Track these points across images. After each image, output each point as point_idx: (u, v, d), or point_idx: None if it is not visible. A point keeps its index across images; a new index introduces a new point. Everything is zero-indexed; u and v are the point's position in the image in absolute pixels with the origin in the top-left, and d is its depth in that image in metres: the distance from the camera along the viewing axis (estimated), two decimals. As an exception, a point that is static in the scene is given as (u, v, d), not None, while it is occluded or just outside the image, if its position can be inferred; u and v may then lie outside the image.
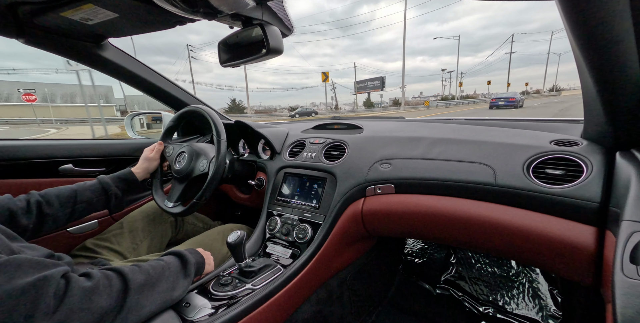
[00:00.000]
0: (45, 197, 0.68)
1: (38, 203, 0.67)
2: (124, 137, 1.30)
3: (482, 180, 0.68)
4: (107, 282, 0.44)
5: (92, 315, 0.39)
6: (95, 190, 0.77)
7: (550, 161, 0.65)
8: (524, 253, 0.66)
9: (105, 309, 0.41)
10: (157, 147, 0.94)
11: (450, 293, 1.25)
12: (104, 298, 0.42)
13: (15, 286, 0.35)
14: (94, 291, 0.41)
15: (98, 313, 0.40)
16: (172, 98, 1.21)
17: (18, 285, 0.35)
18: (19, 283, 0.35)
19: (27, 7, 0.69)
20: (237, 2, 0.61)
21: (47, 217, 0.68)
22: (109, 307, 0.42)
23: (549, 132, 0.81)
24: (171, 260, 0.57)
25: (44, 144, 0.97)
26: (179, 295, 0.56)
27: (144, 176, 0.90)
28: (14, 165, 0.89)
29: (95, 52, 0.93)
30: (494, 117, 1.16)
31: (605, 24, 0.38)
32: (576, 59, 0.52)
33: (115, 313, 0.43)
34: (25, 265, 0.38)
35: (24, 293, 0.35)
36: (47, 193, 0.70)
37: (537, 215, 0.61)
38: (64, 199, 0.71)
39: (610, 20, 0.38)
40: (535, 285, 1.15)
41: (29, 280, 0.36)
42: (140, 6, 0.67)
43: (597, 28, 0.39)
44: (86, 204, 0.74)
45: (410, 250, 1.46)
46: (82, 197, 0.74)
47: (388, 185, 0.81)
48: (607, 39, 0.40)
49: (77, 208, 0.73)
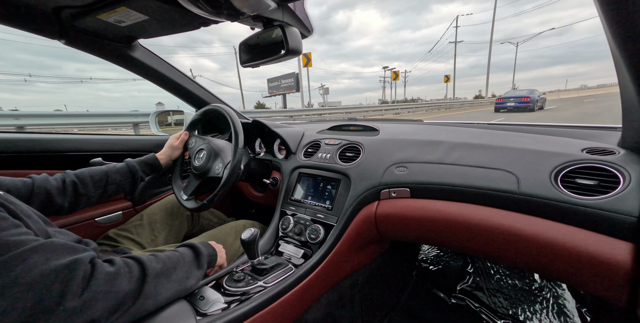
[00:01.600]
0: (80, 178, 0.75)
1: (73, 183, 0.73)
2: (149, 134, 1.37)
3: (504, 188, 0.65)
4: (128, 268, 0.47)
5: (114, 298, 0.42)
6: (123, 173, 0.83)
7: (581, 170, 0.60)
8: (548, 267, 0.62)
9: (126, 293, 0.44)
10: (182, 136, 0.99)
11: (466, 304, 1.20)
12: (125, 283, 0.44)
13: (51, 266, 0.38)
14: (116, 276, 0.44)
15: (119, 297, 0.43)
16: (195, 97, 1.26)
17: (54, 265, 0.38)
18: (55, 264, 0.38)
19: (69, 11, 0.75)
20: (259, 4, 0.62)
21: (82, 196, 0.74)
22: (129, 292, 0.45)
23: (580, 140, 0.75)
24: (185, 252, 0.60)
25: (78, 138, 1.04)
26: (193, 284, 0.58)
27: (166, 162, 0.95)
28: (51, 157, 0.96)
29: (126, 53, 0.98)
30: (520, 122, 1.10)
31: None
32: (615, 60, 0.49)
33: (134, 298, 0.45)
34: (60, 248, 0.41)
35: (59, 273, 0.38)
36: (82, 173, 0.76)
37: (564, 227, 0.57)
38: (97, 180, 0.77)
39: None
40: (560, 301, 1.08)
41: (63, 262, 0.39)
42: (168, 8, 0.70)
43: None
44: (115, 186, 0.81)
45: (425, 257, 1.42)
46: (112, 179, 0.80)
47: (403, 189, 0.79)
48: None
49: (108, 190, 0.79)
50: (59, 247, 0.41)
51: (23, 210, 0.47)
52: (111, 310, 0.42)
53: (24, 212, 0.47)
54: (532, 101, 12.93)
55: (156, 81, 1.14)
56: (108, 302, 0.41)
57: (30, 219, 0.47)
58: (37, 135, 0.96)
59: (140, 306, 0.46)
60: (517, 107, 13.18)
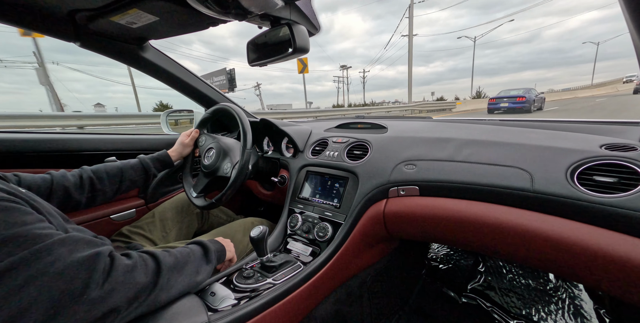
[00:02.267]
0: (96, 174, 0.78)
1: (90, 179, 0.76)
2: (160, 133, 1.40)
3: (517, 186, 0.63)
4: (143, 262, 0.49)
5: (132, 289, 0.44)
6: (137, 169, 0.86)
7: (599, 167, 0.58)
8: (564, 266, 0.60)
9: (142, 285, 0.46)
10: (193, 134, 1.02)
11: (477, 303, 1.18)
12: (141, 275, 0.47)
13: (75, 258, 0.40)
14: (133, 269, 0.46)
15: (136, 288, 0.45)
16: (204, 96, 1.27)
17: (77, 257, 0.40)
18: (78, 256, 0.41)
19: (84, 14, 0.77)
20: (267, 3, 0.62)
21: (98, 192, 0.77)
22: (145, 284, 0.47)
23: (598, 135, 0.72)
24: (195, 248, 0.62)
25: (94, 138, 1.07)
26: (202, 279, 0.60)
27: (177, 158, 0.98)
28: (67, 156, 0.99)
29: (138, 54, 1.00)
30: (534, 118, 1.07)
31: None
32: (637, 52, 0.47)
33: (150, 289, 0.47)
34: (82, 242, 0.43)
35: (82, 264, 0.40)
36: (98, 169, 0.79)
37: (581, 226, 0.55)
38: (112, 176, 0.80)
39: None
40: (577, 302, 1.05)
41: (86, 254, 0.42)
42: (177, 9, 0.71)
43: None
44: (130, 182, 0.84)
45: (435, 255, 1.40)
46: (126, 174, 0.83)
47: (412, 187, 0.79)
48: None
49: (123, 185, 0.82)
50: (80, 241, 0.43)
51: (44, 207, 0.50)
52: (130, 300, 0.44)
53: (45, 209, 0.49)
54: (528, 101, 11.43)
55: (166, 81, 1.16)
56: (127, 293, 0.43)
57: (51, 216, 0.50)
58: (55, 135, 1.00)
59: (155, 298, 0.48)
60: (512, 108, 11.64)
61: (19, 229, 0.38)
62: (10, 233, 0.37)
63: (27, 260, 0.36)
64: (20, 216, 0.40)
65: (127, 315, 0.45)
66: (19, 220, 0.39)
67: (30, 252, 0.37)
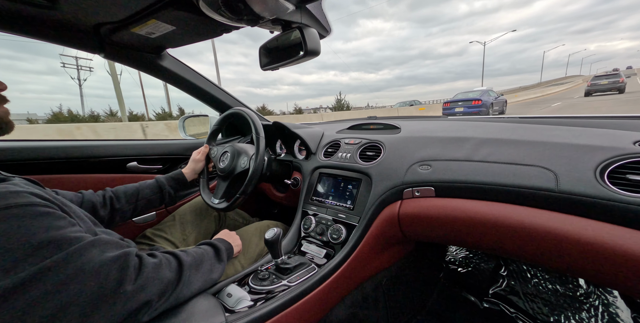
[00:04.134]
0: (115, 193, 0.83)
1: (111, 198, 0.81)
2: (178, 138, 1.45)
3: (541, 186, 0.60)
4: (167, 260, 0.54)
5: (160, 284, 0.49)
6: (153, 188, 0.90)
7: (634, 165, 0.54)
8: (595, 272, 0.56)
9: (169, 280, 0.51)
10: (202, 149, 1.05)
11: (500, 309, 1.13)
12: (167, 272, 0.51)
13: (107, 257, 0.44)
14: (160, 266, 0.51)
15: (164, 283, 0.50)
16: (218, 101, 1.31)
17: (109, 257, 0.44)
18: (110, 255, 0.45)
19: (107, 27, 0.82)
20: (278, 7, 0.63)
21: (117, 211, 0.82)
22: (171, 279, 0.51)
23: (631, 131, 0.68)
24: (207, 248, 0.66)
25: (114, 144, 1.13)
26: (217, 277, 0.64)
27: (192, 176, 1.01)
28: (91, 162, 1.05)
29: (156, 62, 1.05)
30: (557, 114, 1.02)
31: None
32: None
33: (175, 285, 0.52)
34: (110, 243, 0.48)
35: (114, 263, 0.44)
36: (117, 190, 0.85)
37: (613, 228, 0.52)
38: (129, 196, 0.85)
39: None
40: (612, 309, 0.98)
41: (117, 254, 0.46)
42: (193, 18, 0.74)
43: None
44: (146, 201, 0.88)
45: (453, 258, 1.36)
46: (143, 194, 0.88)
47: (428, 188, 0.77)
48: None
49: (139, 204, 0.87)
50: (110, 242, 0.47)
51: (75, 212, 0.54)
52: (159, 294, 0.48)
53: (76, 214, 0.53)
54: (484, 105, 9.60)
55: (183, 88, 1.21)
56: (156, 287, 0.48)
57: (82, 220, 0.54)
58: (80, 142, 1.06)
59: (179, 292, 0.53)
60: (468, 113, 9.74)
61: (54, 233, 0.41)
62: (47, 236, 0.40)
63: (63, 261, 0.40)
64: (54, 221, 0.43)
65: (157, 308, 0.49)
66: (54, 225, 0.42)
67: (67, 254, 0.41)
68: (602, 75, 15.74)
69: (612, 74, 15.41)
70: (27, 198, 0.43)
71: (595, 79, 15.88)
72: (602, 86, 15.45)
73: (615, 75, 15.21)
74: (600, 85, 15.44)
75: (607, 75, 15.52)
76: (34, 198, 0.43)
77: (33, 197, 0.43)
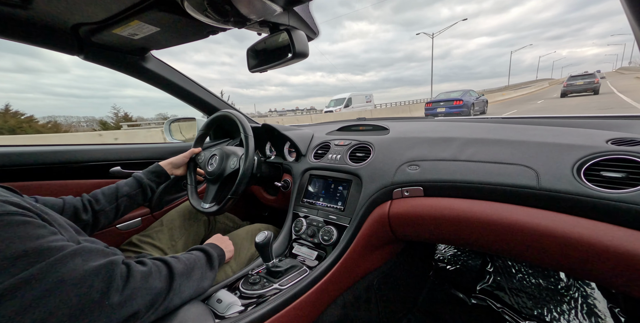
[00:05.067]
0: (93, 196, 0.80)
1: (89, 201, 0.78)
2: (164, 142, 1.41)
3: (523, 183, 0.63)
4: (157, 268, 0.52)
5: (149, 294, 0.47)
6: (131, 184, 0.87)
7: (606, 163, 0.57)
8: (574, 265, 0.59)
9: (158, 290, 0.49)
10: (192, 150, 1.03)
11: (487, 304, 1.16)
12: (157, 281, 0.49)
13: (90, 267, 0.42)
14: (149, 275, 0.48)
15: (153, 293, 0.48)
16: (205, 104, 1.29)
17: (93, 266, 0.42)
18: (93, 265, 0.42)
19: (87, 28, 0.79)
20: (265, 9, 0.63)
21: (99, 213, 0.78)
22: (161, 289, 0.49)
23: (604, 130, 0.72)
24: (199, 255, 0.64)
25: (97, 148, 1.08)
26: (208, 285, 0.62)
27: (170, 169, 0.98)
28: (72, 168, 1.01)
29: (140, 64, 1.02)
30: (538, 115, 1.07)
31: None
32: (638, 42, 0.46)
33: (165, 294, 0.50)
34: (94, 252, 0.45)
35: (98, 273, 0.42)
36: (94, 193, 0.82)
37: (590, 223, 0.54)
38: (107, 195, 0.82)
39: None
40: (590, 301, 1.02)
41: (101, 263, 0.43)
42: (178, 19, 0.72)
43: None
44: (127, 198, 0.85)
45: (442, 256, 1.39)
46: (121, 191, 0.84)
47: (416, 187, 0.78)
48: None
49: (121, 202, 0.83)
50: (94, 251, 0.45)
51: (57, 220, 0.51)
52: (148, 305, 0.46)
53: (57, 222, 0.51)
54: (465, 105, 9.87)
55: (168, 90, 1.18)
56: (145, 298, 0.46)
57: (63, 228, 0.51)
58: (61, 147, 1.01)
59: (170, 302, 0.51)
60: (449, 114, 10.02)
61: (32, 243, 0.39)
62: (25, 247, 0.38)
63: (43, 272, 0.38)
64: (33, 230, 0.41)
65: (145, 320, 0.47)
66: (33, 234, 0.40)
67: (47, 264, 0.39)
68: (578, 76, 15.84)
69: (587, 74, 15.59)
70: (3, 207, 0.40)
71: (570, 79, 16.02)
72: (577, 87, 15.63)
73: (591, 75, 15.38)
74: (576, 85, 15.62)
75: (582, 75, 15.69)
76: (10, 207, 0.41)
77: (9, 206, 0.41)
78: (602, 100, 11.23)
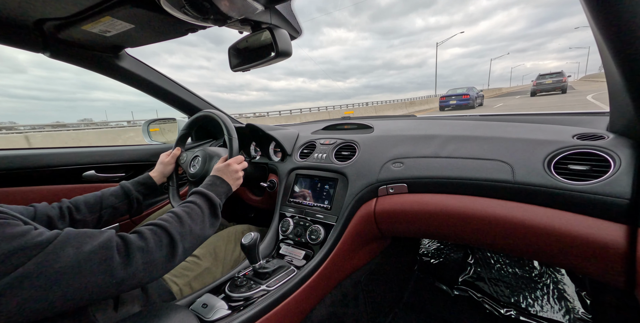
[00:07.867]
0: (74, 204, 0.74)
1: (69, 209, 0.72)
2: (141, 143, 1.35)
3: (499, 178, 0.66)
4: (157, 238, 0.52)
5: (153, 266, 0.48)
6: (118, 195, 0.81)
7: (573, 156, 0.62)
8: (546, 253, 0.63)
9: (162, 259, 0.50)
10: (174, 151, 0.98)
11: (469, 295, 1.22)
12: (158, 252, 0.50)
13: (85, 251, 0.42)
14: (149, 250, 0.49)
15: (157, 264, 0.49)
16: (186, 104, 1.25)
17: (87, 250, 0.42)
18: (87, 248, 0.42)
19: (52, 23, 0.74)
20: (246, 7, 0.62)
21: (78, 222, 0.72)
22: (164, 257, 0.51)
23: (571, 126, 0.77)
24: (202, 204, 0.65)
25: (68, 151, 1.02)
26: (211, 233, 0.64)
27: (161, 179, 0.93)
28: (41, 173, 0.94)
29: (113, 63, 0.97)
30: (512, 112, 1.12)
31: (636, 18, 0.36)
32: (600, 51, 0.50)
33: (169, 260, 0.52)
34: (82, 235, 0.44)
35: (96, 254, 0.42)
36: (76, 200, 0.75)
37: (560, 213, 0.58)
38: (91, 205, 0.75)
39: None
40: (560, 286, 1.10)
41: (95, 244, 0.43)
42: (154, 16, 0.69)
43: (628, 22, 0.37)
44: (111, 209, 0.79)
45: (426, 251, 1.43)
46: (107, 202, 0.78)
47: (401, 184, 0.80)
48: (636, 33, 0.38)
49: (104, 213, 0.77)
50: (81, 234, 0.44)
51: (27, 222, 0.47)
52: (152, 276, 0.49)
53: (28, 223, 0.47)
54: (471, 98, 13.29)
55: (145, 90, 1.13)
56: (150, 271, 0.48)
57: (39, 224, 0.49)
58: (26, 151, 0.94)
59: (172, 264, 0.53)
60: (459, 105, 13.46)
61: (19, 240, 0.38)
62: (13, 246, 0.37)
63: (40, 266, 0.38)
64: (13, 228, 0.40)
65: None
66: (15, 232, 0.39)
67: (41, 257, 0.38)
68: (547, 74, 16.60)
69: (556, 73, 16.44)
70: None
71: (540, 78, 16.77)
72: (546, 85, 16.48)
73: (559, 73, 16.22)
74: (544, 84, 16.45)
75: (551, 74, 16.52)
76: None
77: None
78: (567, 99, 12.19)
